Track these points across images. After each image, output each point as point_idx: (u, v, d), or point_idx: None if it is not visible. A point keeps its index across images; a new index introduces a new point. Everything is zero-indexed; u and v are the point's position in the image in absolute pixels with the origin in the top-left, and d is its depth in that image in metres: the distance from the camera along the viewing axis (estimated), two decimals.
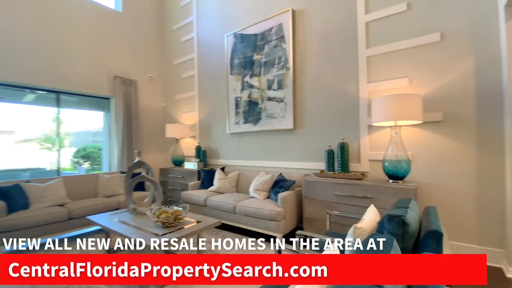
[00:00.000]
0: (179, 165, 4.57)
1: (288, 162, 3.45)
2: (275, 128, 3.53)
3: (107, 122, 4.64)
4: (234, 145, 4.07)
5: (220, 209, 3.13)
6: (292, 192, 2.91)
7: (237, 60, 3.94)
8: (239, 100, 3.93)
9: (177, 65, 5.01)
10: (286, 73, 3.40)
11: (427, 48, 2.49)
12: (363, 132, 2.85)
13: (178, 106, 5.00)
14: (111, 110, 4.59)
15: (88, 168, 4.78)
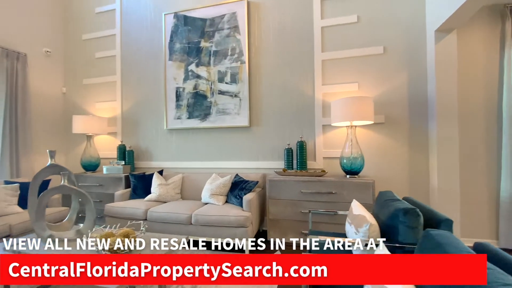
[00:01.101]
0: (93, 170, 3.54)
1: (242, 162, 3.22)
2: (228, 125, 3.23)
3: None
4: (174, 143, 3.49)
5: (169, 221, 2.57)
6: (255, 193, 2.71)
7: (179, 44, 3.40)
8: (181, 91, 3.40)
9: (88, 42, 3.89)
10: (241, 66, 3.17)
11: (373, 58, 2.82)
12: (318, 131, 2.97)
13: (89, 93, 3.88)
14: None
15: None
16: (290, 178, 2.63)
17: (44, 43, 3.74)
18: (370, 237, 1.46)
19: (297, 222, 2.61)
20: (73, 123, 3.47)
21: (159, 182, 3.02)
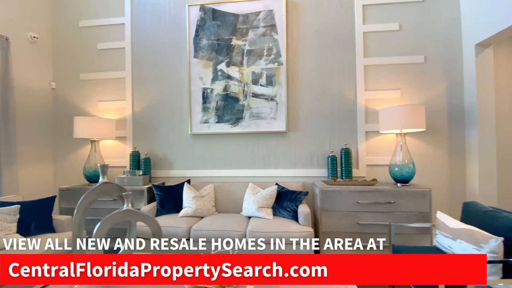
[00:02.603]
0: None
1: (278, 170, 3.01)
2: (262, 130, 2.99)
3: None
4: (199, 150, 3.13)
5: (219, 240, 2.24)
6: (306, 205, 2.53)
7: (206, 40, 3.06)
8: (209, 92, 3.06)
9: (86, 30, 3.31)
10: (278, 68, 2.97)
11: (414, 67, 2.87)
12: (361, 138, 2.91)
13: (88, 90, 3.29)
14: None
15: None
16: (345, 188, 2.51)
17: (30, 26, 3.07)
18: (499, 252, 1.40)
19: (353, 235, 2.49)
20: (75, 125, 2.89)
21: (193, 194, 2.65)
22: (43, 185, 3.17)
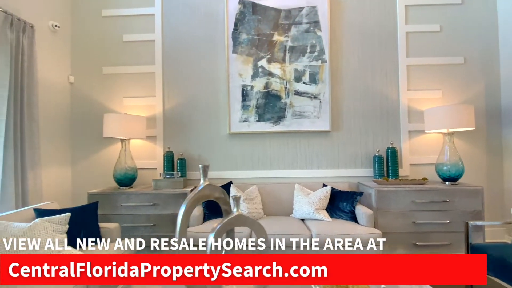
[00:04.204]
0: (129, 184, 2.73)
1: (320, 170, 2.93)
2: (306, 130, 2.90)
3: None
4: (238, 150, 2.96)
5: None
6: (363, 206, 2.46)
7: (246, 35, 2.92)
8: (249, 89, 2.92)
9: (110, 19, 3.03)
10: (322, 66, 2.89)
11: (454, 68, 2.92)
12: (404, 137, 2.91)
13: (112, 85, 3.02)
14: None
15: None
16: (401, 188, 2.48)
17: (52, 14, 2.76)
18: None
19: (408, 234, 2.46)
20: (105, 123, 2.62)
21: (244, 196, 2.49)
22: (60, 189, 2.85)
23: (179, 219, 1.23)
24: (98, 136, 2.86)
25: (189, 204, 1.25)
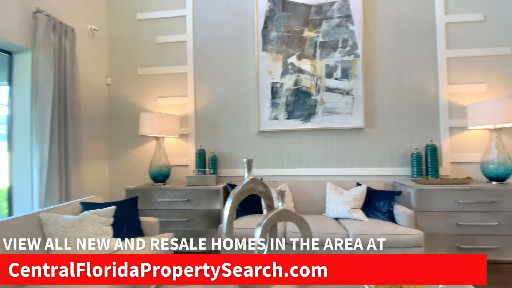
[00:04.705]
0: (163, 180, 2.81)
1: (353, 168, 2.84)
2: (337, 127, 2.82)
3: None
4: (267, 148, 2.96)
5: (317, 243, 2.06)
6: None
7: (276, 32, 2.91)
8: (279, 87, 2.90)
9: (144, 22, 3.15)
10: (354, 61, 2.81)
11: (500, 59, 2.70)
12: (445, 134, 2.74)
13: (147, 86, 3.13)
14: (20, 78, 2.24)
15: None
16: (443, 187, 2.34)
17: (90, 18, 2.92)
18: None
19: (451, 236, 2.32)
20: (141, 122, 2.72)
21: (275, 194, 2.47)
22: (99, 185, 3.00)
23: (225, 213, 1.23)
24: (134, 134, 2.98)
25: (235, 198, 1.25)
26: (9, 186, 2.27)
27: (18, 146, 2.27)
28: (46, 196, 2.21)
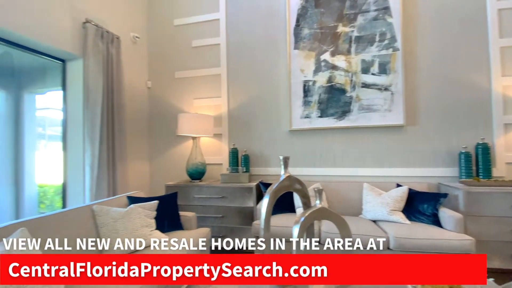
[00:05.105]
0: (199, 178, 2.94)
1: (392, 169, 2.69)
2: (374, 124, 2.70)
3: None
4: (299, 147, 2.93)
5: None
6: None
7: (308, 30, 2.87)
8: (311, 85, 2.86)
9: (181, 28, 3.32)
10: (393, 54, 2.66)
11: None
12: (499, 132, 2.48)
13: (183, 88, 3.30)
14: (73, 83, 2.50)
15: None
16: (497, 190, 2.12)
17: (132, 27, 3.15)
18: None
19: (506, 244, 2.09)
20: (179, 122, 2.87)
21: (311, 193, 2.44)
22: (141, 181, 3.23)
23: (263, 210, 1.25)
24: (172, 134, 3.16)
25: (272, 195, 1.27)
26: (63, 182, 2.54)
27: (72, 146, 2.53)
28: (96, 190, 2.44)
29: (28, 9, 2.00)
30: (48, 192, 3.13)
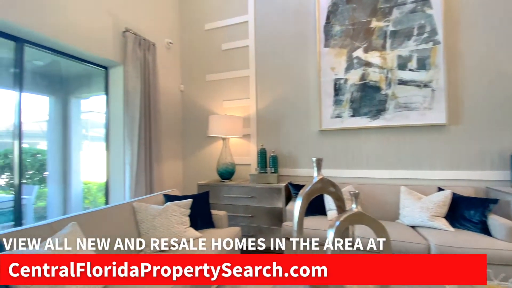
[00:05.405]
0: (229, 177, 2.99)
1: (433, 171, 2.50)
2: (413, 124, 2.54)
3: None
4: (329, 147, 2.86)
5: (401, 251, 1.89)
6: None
7: (339, 26, 2.78)
8: (342, 83, 2.77)
9: (211, 32, 3.41)
10: (433, 49, 2.48)
11: None
12: None
13: (213, 91, 3.38)
14: (114, 88, 2.68)
15: None
16: None
17: (166, 33, 3.31)
18: None
19: None
20: (210, 124, 2.95)
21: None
22: (174, 180, 3.37)
23: (295, 212, 1.23)
24: (203, 135, 3.27)
25: (305, 197, 1.25)
26: (106, 180, 2.74)
27: (113, 146, 2.72)
28: (135, 188, 2.60)
29: (74, 21, 2.19)
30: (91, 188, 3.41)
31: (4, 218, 2.64)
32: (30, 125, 2.98)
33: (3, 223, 2.64)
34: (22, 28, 1.85)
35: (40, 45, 2.10)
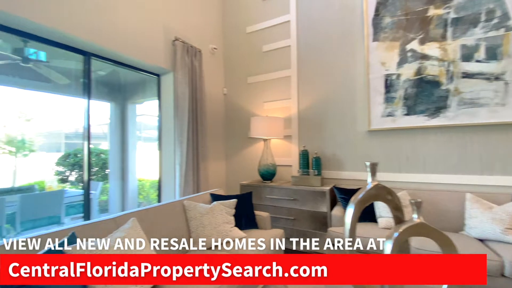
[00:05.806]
0: (270, 179, 2.98)
1: (507, 177, 2.16)
2: (481, 122, 2.22)
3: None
4: (379, 149, 2.66)
5: None
6: None
7: (390, 18, 2.58)
8: (394, 79, 2.55)
9: (253, 35, 3.44)
10: (506, 36, 2.14)
11: None
12: None
13: (254, 92, 3.41)
14: (165, 94, 2.88)
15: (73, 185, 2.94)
16: None
17: (210, 39, 3.43)
18: None
19: None
20: (251, 125, 2.98)
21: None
22: (218, 180, 3.48)
23: (347, 221, 1.15)
24: (245, 136, 3.32)
25: (357, 204, 1.17)
26: (159, 178, 2.95)
27: (165, 147, 2.91)
28: (184, 186, 2.75)
29: (131, 33, 2.40)
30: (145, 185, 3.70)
31: (74, 211, 3.02)
32: (95, 128, 3.35)
33: (73, 215, 3.03)
34: (89, 43, 2.09)
35: (103, 57, 2.35)
